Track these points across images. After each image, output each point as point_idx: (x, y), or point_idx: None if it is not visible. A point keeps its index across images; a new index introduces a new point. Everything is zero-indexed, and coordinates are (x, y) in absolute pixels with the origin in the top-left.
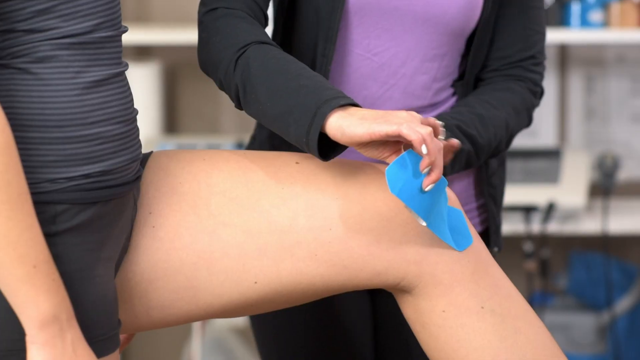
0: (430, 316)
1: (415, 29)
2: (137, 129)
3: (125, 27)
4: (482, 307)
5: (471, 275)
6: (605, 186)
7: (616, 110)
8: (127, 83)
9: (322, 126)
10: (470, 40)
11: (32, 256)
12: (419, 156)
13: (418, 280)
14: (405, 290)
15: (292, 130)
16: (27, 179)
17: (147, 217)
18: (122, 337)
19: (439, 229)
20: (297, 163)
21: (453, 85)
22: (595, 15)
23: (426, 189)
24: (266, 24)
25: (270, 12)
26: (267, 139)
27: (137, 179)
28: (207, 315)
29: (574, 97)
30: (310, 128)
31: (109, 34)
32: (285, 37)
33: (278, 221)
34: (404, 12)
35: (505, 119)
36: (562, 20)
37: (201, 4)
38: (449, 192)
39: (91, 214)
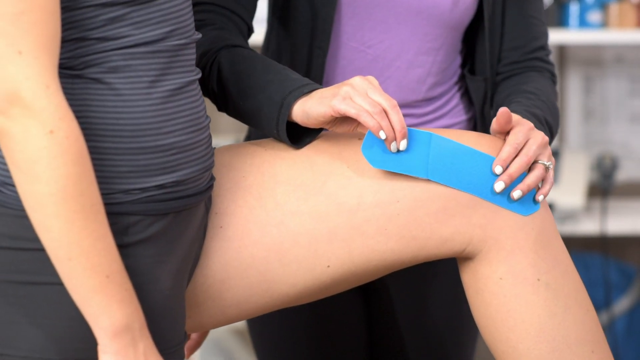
0: (486, 282)
1: (409, 20)
2: (210, 137)
3: (198, 33)
4: (538, 280)
5: (533, 244)
6: (603, 187)
7: (615, 110)
8: (200, 90)
9: (289, 116)
10: (476, 37)
11: (105, 266)
12: None
13: (482, 245)
14: (469, 257)
15: (264, 125)
16: (101, 189)
17: (214, 218)
18: (195, 335)
19: (454, 181)
20: (359, 139)
21: (463, 79)
22: (594, 16)
23: (401, 148)
24: (250, 33)
25: (263, 10)
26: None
27: (209, 188)
28: (284, 304)
29: (573, 97)
30: (278, 120)
31: (182, 41)
32: (281, 32)
33: (346, 202)
34: (397, 3)
35: (558, 109)
36: (561, 21)
37: None
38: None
39: (163, 225)
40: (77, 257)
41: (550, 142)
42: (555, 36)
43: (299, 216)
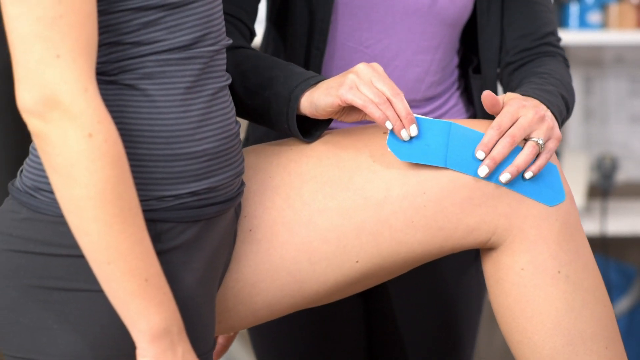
0: (507, 272)
1: (406, 19)
2: (240, 143)
3: (229, 39)
4: (559, 272)
5: (556, 236)
6: (603, 187)
7: (615, 111)
8: (230, 96)
9: (297, 109)
10: (476, 34)
11: (144, 269)
12: None
13: (507, 234)
14: (493, 247)
15: (274, 121)
16: None
17: (242, 222)
18: (222, 339)
19: (474, 170)
20: (384, 133)
21: (462, 77)
22: (594, 17)
23: (412, 134)
24: (252, 36)
25: (262, 11)
26: (263, 138)
27: (240, 194)
28: (314, 303)
29: None
30: (287, 115)
31: (215, 47)
32: (278, 35)
33: (373, 195)
34: (394, 2)
35: (573, 88)
36: (561, 21)
37: None
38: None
39: (195, 232)
40: (115, 261)
41: (567, 118)
42: None
43: (327, 213)
